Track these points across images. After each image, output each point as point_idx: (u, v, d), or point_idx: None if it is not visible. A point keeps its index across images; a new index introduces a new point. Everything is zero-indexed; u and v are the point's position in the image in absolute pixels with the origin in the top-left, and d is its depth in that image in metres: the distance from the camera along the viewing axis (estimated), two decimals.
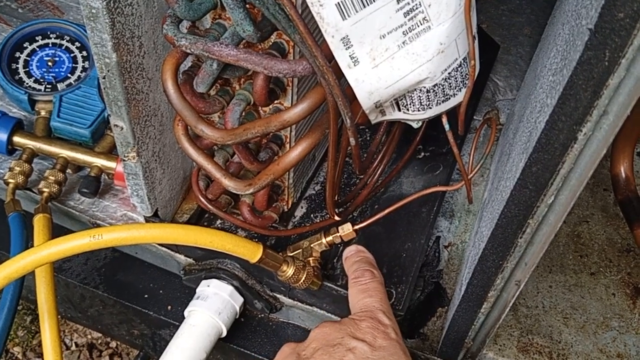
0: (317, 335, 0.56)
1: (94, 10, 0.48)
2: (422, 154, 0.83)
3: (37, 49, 0.82)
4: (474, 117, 0.91)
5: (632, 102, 0.38)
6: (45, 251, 0.56)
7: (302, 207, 0.79)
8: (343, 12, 0.42)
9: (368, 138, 0.84)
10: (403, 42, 0.45)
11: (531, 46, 1.00)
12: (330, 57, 0.45)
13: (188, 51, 0.49)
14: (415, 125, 0.57)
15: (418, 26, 0.45)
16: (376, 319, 0.57)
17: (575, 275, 0.80)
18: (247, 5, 0.48)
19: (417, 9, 0.43)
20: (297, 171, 0.73)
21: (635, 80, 0.36)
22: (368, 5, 0.42)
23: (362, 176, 0.77)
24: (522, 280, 0.55)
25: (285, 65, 0.47)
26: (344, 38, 0.43)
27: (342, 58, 0.45)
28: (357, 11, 0.42)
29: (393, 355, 0.54)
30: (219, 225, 0.77)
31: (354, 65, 0.45)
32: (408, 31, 0.44)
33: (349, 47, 0.44)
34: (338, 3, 0.41)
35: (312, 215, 0.79)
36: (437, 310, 0.75)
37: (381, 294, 0.60)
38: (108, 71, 0.53)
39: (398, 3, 0.43)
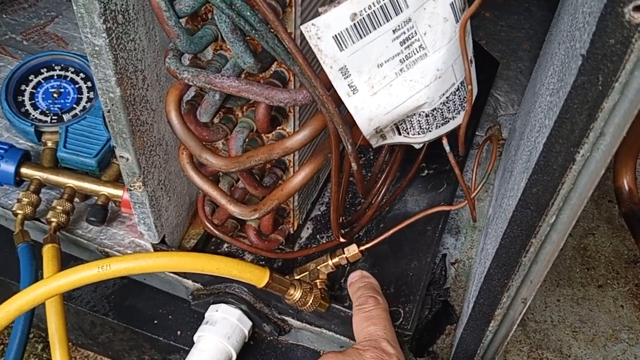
0: None
1: (97, 48, 0.49)
2: (426, 171, 0.84)
3: (43, 81, 0.83)
4: (477, 133, 0.91)
5: (627, 123, 0.38)
6: (55, 283, 0.57)
7: (308, 228, 0.80)
8: (340, 44, 0.43)
9: (371, 157, 0.85)
10: (400, 70, 0.46)
11: (531, 61, 1.00)
12: (329, 86, 0.46)
13: (190, 84, 0.50)
14: (417, 146, 0.58)
15: (414, 54, 0.45)
16: (380, 348, 0.57)
17: (582, 288, 0.80)
18: (247, 38, 0.49)
19: (412, 37, 0.44)
20: (302, 194, 0.74)
21: (630, 102, 0.37)
22: (365, 36, 0.43)
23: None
24: (529, 297, 0.55)
25: (286, 94, 0.48)
26: (342, 68, 0.44)
27: (341, 87, 0.45)
28: (354, 42, 0.43)
29: None
30: (226, 249, 0.77)
31: (353, 93, 0.46)
32: (405, 59, 0.45)
33: (347, 77, 0.45)
34: (335, 35, 0.42)
35: (318, 236, 0.79)
36: (445, 328, 0.75)
37: (385, 322, 0.60)
38: (112, 105, 0.54)
39: (394, 33, 0.44)
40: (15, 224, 0.74)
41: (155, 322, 0.78)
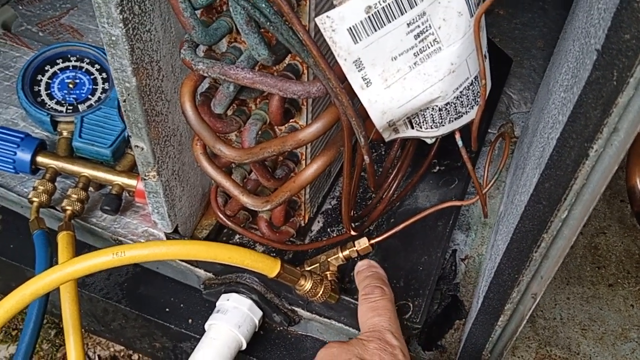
0: (325, 357, 0.57)
1: (113, 38, 0.49)
2: (437, 167, 0.84)
3: (58, 72, 0.84)
4: (489, 131, 0.91)
5: None
6: (70, 268, 0.58)
7: (319, 222, 0.80)
8: (355, 37, 0.43)
9: (383, 152, 0.85)
10: (414, 63, 0.46)
11: (544, 59, 1.00)
12: (343, 79, 0.46)
13: (205, 75, 0.51)
14: (429, 141, 0.58)
15: (429, 47, 0.45)
16: (384, 339, 0.57)
17: (593, 286, 0.79)
18: (262, 30, 0.49)
19: (427, 31, 0.44)
20: (314, 187, 0.74)
21: None
22: (379, 29, 0.43)
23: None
24: (539, 293, 0.55)
25: (300, 87, 0.49)
26: (356, 61, 0.44)
27: (354, 80, 0.46)
28: (368, 35, 0.43)
29: None
30: (238, 240, 0.78)
31: (367, 86, 0.46)
32: (419, 52, 0.45)
33: (361, 69, 0.45)
34: (350, 28, 0.43)
35: (329, 230, 0.80)
36: (454, 322, 0.75)
37: (390, 313, 0.60)
38: (128, 95, 0.54)
39: (408, 26, 0.44)
40: (30, 212, 0.75)
41: (167, 310, 0.79)
